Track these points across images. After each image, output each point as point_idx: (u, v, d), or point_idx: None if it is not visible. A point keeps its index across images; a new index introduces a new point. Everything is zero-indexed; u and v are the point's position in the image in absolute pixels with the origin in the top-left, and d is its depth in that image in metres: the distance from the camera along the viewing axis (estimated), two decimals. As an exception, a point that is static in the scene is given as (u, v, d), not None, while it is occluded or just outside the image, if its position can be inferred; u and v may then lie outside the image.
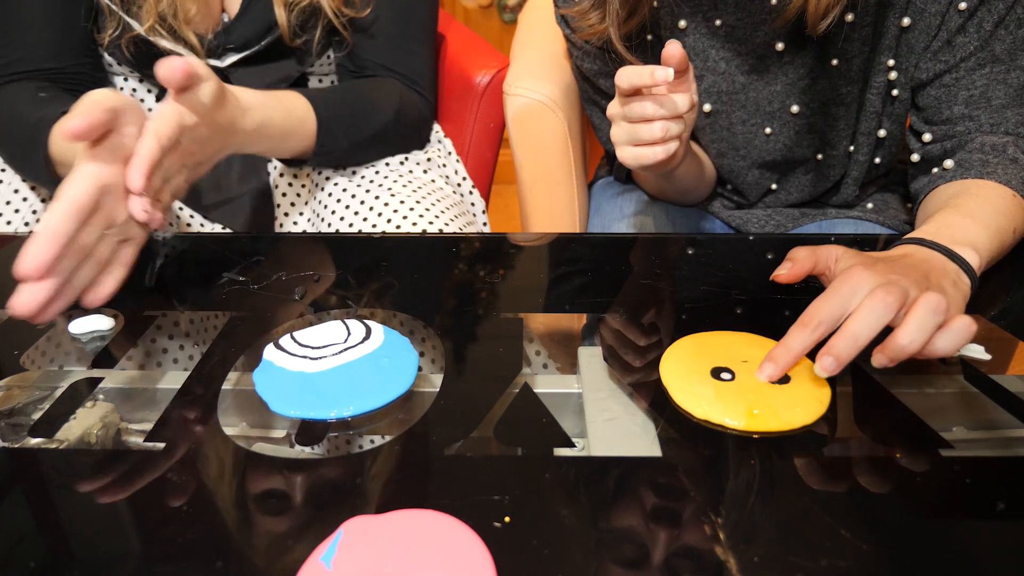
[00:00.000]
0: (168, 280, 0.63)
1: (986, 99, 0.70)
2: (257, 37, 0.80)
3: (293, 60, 0.83)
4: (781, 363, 0.46)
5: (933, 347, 0.45)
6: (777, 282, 0.55)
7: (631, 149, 0.62)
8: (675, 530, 0.37)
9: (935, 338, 0.45)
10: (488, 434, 0.44)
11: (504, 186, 1.38)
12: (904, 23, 0.71)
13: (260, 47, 0.80)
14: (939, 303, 0.45)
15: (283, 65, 0.83)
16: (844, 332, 0.45)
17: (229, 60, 0.80)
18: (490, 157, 1.02)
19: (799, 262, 0.55)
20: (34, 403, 0.47)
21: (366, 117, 0.83)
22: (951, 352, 0.45)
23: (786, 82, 0.77)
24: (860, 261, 0.51)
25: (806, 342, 0.46)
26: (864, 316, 0.45)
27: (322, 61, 0.86)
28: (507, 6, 2.23)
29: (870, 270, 0.49)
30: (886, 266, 0.50)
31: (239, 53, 0.80)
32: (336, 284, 0.61)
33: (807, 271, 0.55)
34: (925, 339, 0.45)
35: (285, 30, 0.79)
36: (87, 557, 0.36)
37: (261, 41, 0.80)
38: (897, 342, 0.45)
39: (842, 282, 0.48)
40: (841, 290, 0.48)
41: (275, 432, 0.44)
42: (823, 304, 0.47)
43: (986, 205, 0.61)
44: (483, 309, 0.57)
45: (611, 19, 0.73)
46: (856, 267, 0.49)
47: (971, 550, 0.36)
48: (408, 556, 0.34)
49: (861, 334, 0.45)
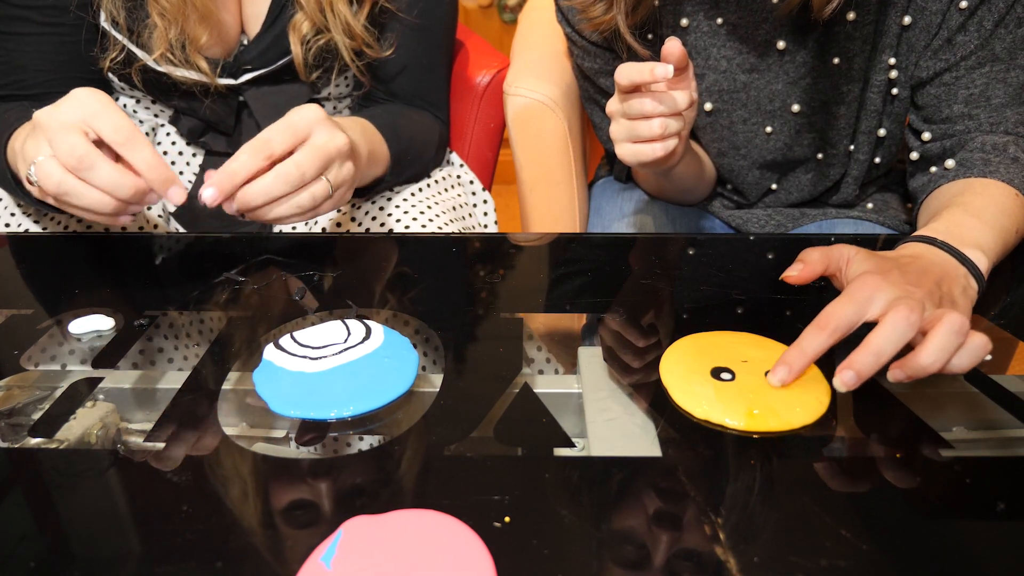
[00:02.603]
0: (168, 280, 0.63)
1: (986, 98, 0.70)
2: (274, 58, 0.79)
3: (306, 86, 0.83)
4: (796, 367, 0.46)
5: (950, 366, 0.45)
6: (787, 283, 0.54)
7: (630, 146, 0.62)
8: (675, 530, 0.37)
9: (953, 357, 0.45)
10: (488, 434, 0.44)
11: (504, 186, 1.38)
12: (905, 21, 0.71)
13: (274, 68, 0.79)
14: (962, 325, 0.44)
15: (297, 88, 0.82)
16: (867, 347, 0.45)
17: (244, 78, 0.79)
18: (490, 157, 1.02)
19: (811, 264, 0.53)
20: (34, 403, 0.47)
21: (420, 158, 0.86)
22: (967, 370, 0.45)
23: (787, 81, 0.77)
24: (874, 266, 0.51)
25: (821, 346, 0.46)
26: (888, 333, 0.45)
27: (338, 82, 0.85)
28: (507, 6, 2.23)
29: (886, 279, 0.48)
30: (900, 274, 0.50)
31: (253, 72, 0.80)
32: (336, 284, 0.61)
33: (818, 273, 0.54)
34: (946, 360, 0.44)
35: (300, 66, 0.78)
36: (87, 557, 0.36)
37: (276, 62, 0.79)
38: (920, 362, 0.44)
39: (858, 288, 0.48)
40: (857, 296, 0.47)
41: (275, 432, 0.44)
42: (839, 308, 0.47)
43: (991, 205, 0.61)
44: (483, 309, 0.57)
45: (619, 8, 0.73)
46: (871, 274, 0.49)
47: (971, 550, 0.36)
48: (408, 556, 0.34)
49: (885, 350, 0.44)
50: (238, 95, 0.82)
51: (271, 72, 0.80)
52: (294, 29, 0.77)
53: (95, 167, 0.55)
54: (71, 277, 0.64)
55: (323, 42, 0.78)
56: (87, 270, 0.65)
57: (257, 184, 0.59)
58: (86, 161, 0.55)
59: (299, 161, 0.59)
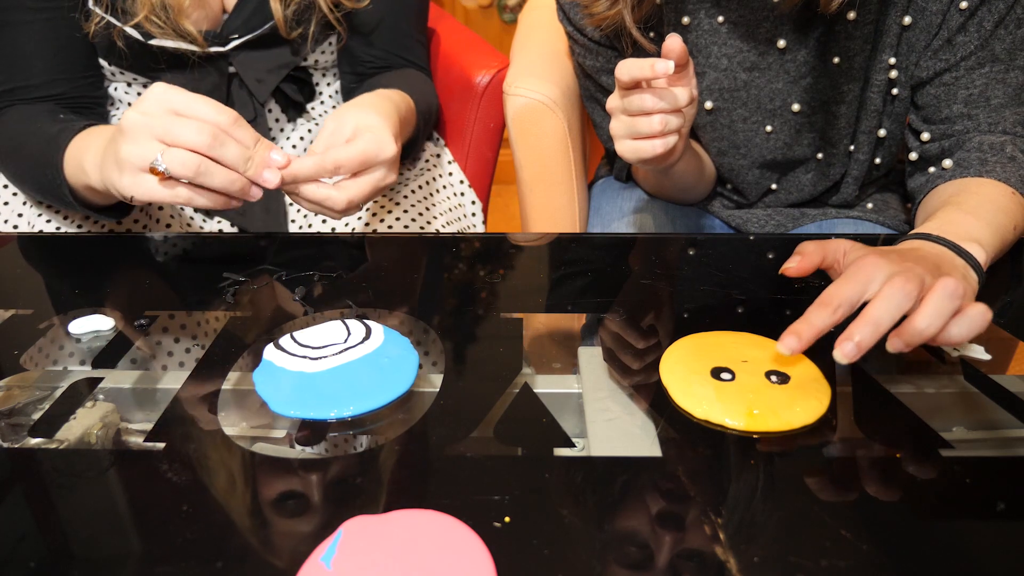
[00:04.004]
0: (168, 280, 0.63)
1: (985, 98, 0.70)
2: (257, 24, 0.81)
3: (289, 49, 0.84)
4: (805, 337, 0.46)
5: (948, 334, 0.45)
6: (786, 275, 0.54)
7: (630, 143, 0.62)
8: (675, 530, 0.37)
9: (950, 324, 0.45)
10: (488, 434, 0.44)
11: (504, 186, 1.38)
12: (905, 21, 0.71)
13: (258, 34, 0.80)
14: (956, 287, 0.44)
15: (282, 52, 0.84)
16: (865, 318, 0.45)
17: (230, 45, 0.80)
18: (490, 157, 1.02)
19: (808, 255, 0.54)
20: (34, 403, 0.47)
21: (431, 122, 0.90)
22: (965, 339, 0.45)
23: (787, 80, 0.77)
24: (872, 251, 0.51)
25: (827, 321, 0.46)
26: (884, 302, 0.45)
27: (323, 48, 0.86)
28: (507, 6, 2.23)
29: (885, 258, 0.49)
30: (899, 256, 0.50)
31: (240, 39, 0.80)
32: (336, 284, 0.61)
33: (816, 264, 0.54)
34: (942, 323, 0.45)
35: (281, 23, 0.80)
36: (87, 557, 0.36)
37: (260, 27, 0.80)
38: (915, 326, 0.44)
39: (859, 268, 0.48)
40: (858, 276, 0.47)
41: (275, 432, 0.44)
42: (842, 287, 0.47)
43: (986, 203, 0.61)
44: (483, 309, 0.57)
45: (624, 2, 0.73)
46: (871, 255, 0.49)
47: (971, 550, 0.36)
48: (408, 556, 0.34)
49: (882, 320, 0.45)
50: (228, 65, 0.82)
51: (258, 37, 0.81)
52: None
53: (226, 143, 0.57)
54: (71, 277, 0.64)
55: None
56: (87, 270, 0.65)
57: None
58: (219, 138, 0.57)
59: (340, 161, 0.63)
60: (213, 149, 0.57)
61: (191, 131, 0.56)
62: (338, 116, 0.67)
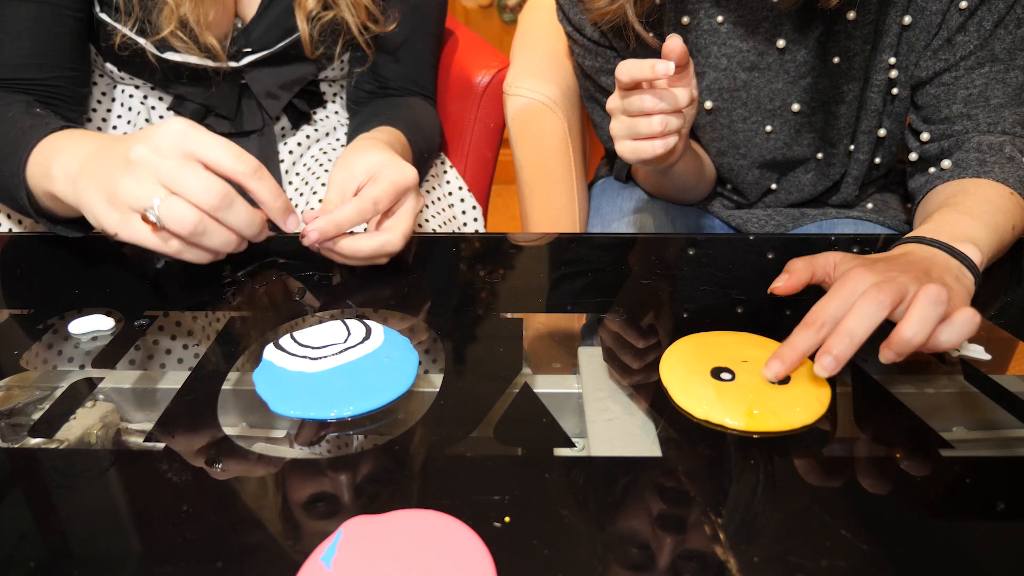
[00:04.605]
0: (168, 280, 0.63)
1: (984, 98, 0.70)
2: (275, 39, 0.80)
3: (309, 64, 0.83)
4: (788, 361, 0.47)
5: (937, 340, 0.45)
6: (775, 294, 0.55)
7: (630, 143, 0.62)
8: (675, 530, 0.37)
9: (938, 331, 0.45)
10: (488, 434, 0.44)
11: (504, 186, 1.38)
12: (905, 21, 0.72)
13: (278, 49, 0.79)
14: (939, 294, 0.45)
15: (298, 68, 0.83)
16: (839, 331, 0.46)
17: (245, 60, 0.79)
18: (490, 157, 1.02)
19: (796, 273, 0.55)
20: (34, 403, 0.47)
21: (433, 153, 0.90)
22: (955, 344, 0.46)
23: (787, 80, 0.77)
24: (860, 263, 0.52)
25: (811, 341, 0.47)
26: (857, 314, 0.46)
27: (334, 64, 0.86)
28: (507, 6, 2.23)
29: (870, 270, 0.49)
30: (886, 265, 0.50)
31: (256, 54, 0.80)
32: (336, 284, 0.61)
33: (804, 282, 0.55)
34: (929, 330, 0.45)
35: (307, 43, 0.79)
36: (87, 557, 0.36)
37: (279, 43, 0.80)
38: (901, 335, 0.45)
39: (843, 283, 0.49)
40: (841, 292, 0.48)
41: (275, 432, 0.44)
42: (826, 305, 0.48)
43: (984, 203, 0.62)
44: (483, 309, 0.57)
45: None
46: (856, 268, 0.50)
47: (971, 550, 0.36)
48: (408, 556, 0.34)
49: (855, 331, 0.45)
50: (240, 77, 0.82)
51: (275, 53, 0.80)
52: (300, 6, 0.78)
53: (233, 205, 0.53)
54: (71, 277, 0.63)
55: (328, 18, 0.79)
56: (87, 270, 0.65)
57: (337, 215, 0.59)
58: (227, 200, 0.52)
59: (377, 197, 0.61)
60: (218, 211, 0.52)
61: (199, 188, 0.51)
62: (344, 165, 0.64)
